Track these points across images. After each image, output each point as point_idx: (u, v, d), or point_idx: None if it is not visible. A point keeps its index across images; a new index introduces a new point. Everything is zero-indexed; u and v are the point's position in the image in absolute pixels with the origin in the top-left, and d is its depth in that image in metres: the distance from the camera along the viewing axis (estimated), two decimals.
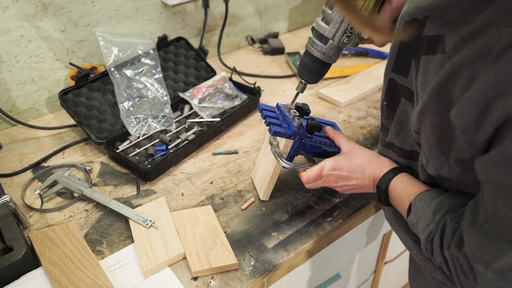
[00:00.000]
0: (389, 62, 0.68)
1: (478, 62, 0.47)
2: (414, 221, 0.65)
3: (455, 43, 0.51)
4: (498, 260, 0.51)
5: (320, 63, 0.76)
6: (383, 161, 0.76)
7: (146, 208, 0.89)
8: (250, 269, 0.79)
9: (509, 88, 0.44)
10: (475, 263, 0.54)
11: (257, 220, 0.89)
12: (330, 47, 0.73)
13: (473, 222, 0.54)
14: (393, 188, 0.72)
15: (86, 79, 1.12)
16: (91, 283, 0.74)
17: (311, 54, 0.75)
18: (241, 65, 1.45)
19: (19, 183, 0.99)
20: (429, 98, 0.56)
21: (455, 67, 0.50)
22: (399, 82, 0.67)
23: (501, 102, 0.45)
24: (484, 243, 0.52)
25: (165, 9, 1.32)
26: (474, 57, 0.48)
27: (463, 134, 0.50)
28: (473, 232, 0.54)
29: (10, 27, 1.07)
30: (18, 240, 0.76)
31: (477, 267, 0.54)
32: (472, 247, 0.54)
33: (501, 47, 0.45)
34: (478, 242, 0.53)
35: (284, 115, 0.83)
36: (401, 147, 0.74)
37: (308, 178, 0.79)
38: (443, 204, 0.61)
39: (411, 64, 0.63)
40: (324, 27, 0.71)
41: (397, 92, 0.69)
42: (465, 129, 0.49)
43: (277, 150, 0.84)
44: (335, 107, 1.25)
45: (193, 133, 1.11)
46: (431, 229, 0.61)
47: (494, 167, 0.48)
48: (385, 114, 0.74)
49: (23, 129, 1.17)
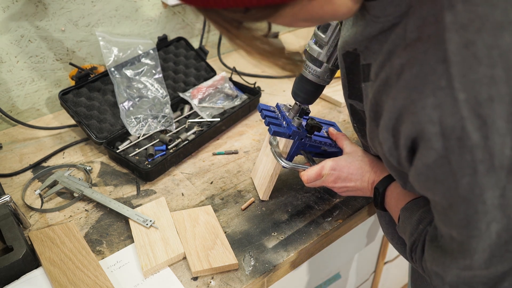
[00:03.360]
0: (344, 89, 0.69)
1: (386, 90, 0.51)
2: (402, 229, 0.66)
3: (375, 71, 0.54)
4: (447, 274, 0.53)
5: (314, 85, 0.76)
6: (383, 166, 0.76)
7: (146, 208, 0.90)
8: (250, 269, 0.79)
9: (404, 113, 0.47)
10: (434, 277, 0.55)
11: (257, 220, 0.89)
12: (324, 70, 0.74)
13: (433, 237, 0.56)
14: (390, 193, 0.72)
15: (86, 79, 1.12)
16: (91, 283, 0.74)
17: (305, 77, 0.76)
18: (241, 65, 1.45)
19: (19, 183, 0.99)
20: (369, 125, 0.59)
21: (375, 95, 0.53)
22: (357, 108, 0.69)
23: (402, 127, 0.48)
24: (435, 257, 0.54)
25: (165, 9, 1.32)
26: (384, 85, 0.51)
27: (390, 157, 0.53)
28: (430, 246, 0.56)
29: (10, 27, 1.07)
30: (18, 240, 0.76)
31: (436, 281, 0.55)
32: (429, 261, 0.56)
33: (395, 75, 0.49)
34: (432, 256, 0.55)
35: (284, 115, 0.83)
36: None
37: (308, 177, 0.79)
38: (427, 214, 0.61)
39: (361, 90, 0.65)
40: (318, 51, 0.72)
41: (360, 116, 0.70)
42: (390, 153, 0.53)
43: (277, 150, 0.84)
44: (335, 107, 1.25)
45: (193, 133, 1.11)
46: (414, 239, 0.62)
47: (417, 184, 0.51)
48: (359, 134, 0.75)
49: (23, 129, 1.17)
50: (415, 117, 0.46)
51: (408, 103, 0.46)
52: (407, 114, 0.47)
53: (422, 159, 0.47)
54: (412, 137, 0.47)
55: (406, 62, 0.47)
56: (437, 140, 0.44)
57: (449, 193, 0.47)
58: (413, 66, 0.46)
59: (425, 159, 0.47)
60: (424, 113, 0.45)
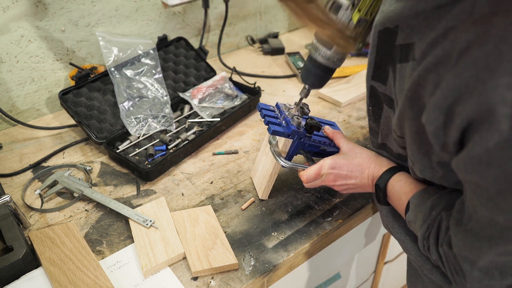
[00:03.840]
0: (369, 70, 0.68)
1: (440, 68, 0.49)
2: (412, 218, 0.65)
3: (423, 50, 0.52)
4: (480, 258, 0.52)
5: (324, 68, 0.75)
6: (382, 160, 0.76)
7: (146, 208, 0.90)
8: (250, 269, 0.79)
9: (466, 92, 0.45)
10: (462, 262, 0.55)
11: (257, 220, 0.89)
12: (334, 52, 0.73)
13: (459, 221, 0.55)
14: (392, 187, 0.72)
15: (86, 79, 1.12)
16: (91, 283, 0.74)
17: (315, 59, 0.75)
18: (241, 65, 1.45)
19: (19, 183, 0.99)
20: (403, 105, 0.57)
21: (422, 74, 0.52)
22: (379, 90, 0.68)
23: (461, 107, 0.46)
24: (467, 242, 0.53)
25: (165, 9, 1.32)
26: (436, 63, 0.49)
27: (435, 138, 0.51)
28: (458, 230, 0.55)
29: (10, 27, 1.07)
30: (18, 240, 0.76)
31: (464, 266, 0.54)
32: (457, 246, 0.55)
33: (457, 52, 0.46)
34: (462, 241, 0.54)
35: (283, 114, 0.83)
36: (391, 149, 0.74)
37: (307, 177, 0.79)
38: (439, 201, 0.61)
39: (388, 72, 0.64)
40: None
41: (379, 99, 0.69)
42: (435, 134, 0.51)
43: (276, 149, 0.84)
44: (335, 107, 1.25)
45: (193, 133, 1.11)
46: (427, 225, 0.61)
47: (464, 168, 0.49)
48: (372, 118, 0.74)
49: (23, 129, 1.17)
50: (483, 97, 0.43)
51: (474, 82, 0.44)
52: (471, 93, 0.44)
53: (481, 142, 0.45)
54: (472, 118, 0.45)
55: (475, 38, 0.45)
56: (505, 122, 0.42)
57: (504, 178, 0.45)
58: (486, 43, 0.43)
59: (485, 141, 0.44)
60: (495, 93, 0.42)
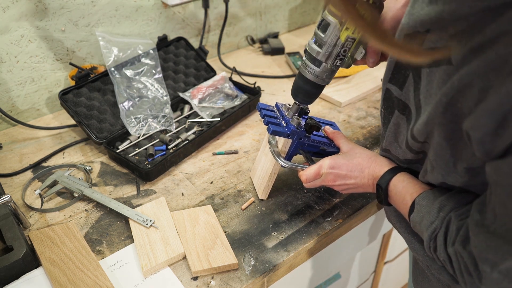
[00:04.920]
0: (387, 72, 0.68)
1: (491, 73, 0.47)
2: (417, 219, 0.65)
3: (464, 55, 0.50)
4: (505, 261, 0.51)
5: (314, 85, 0.76)
6: (383, 160, 0.76)
7: (146, 208, 0.90)
8: (250, 269, 0.79)
9: None
10: (481, 263, 0.54)
11: (257, 220, 0.89)
12: (323, 70, 0.73)
13: (480, 222, 0.54)
14: (394, 187, 0.71)
15: (86, 79, 1.12)
16: (91, 283, 0.74)
17: (305, 76, 0.75)
18: (241, 65, 1.45)
19: (19, 183, 0.99)
20: (434, 111, 0.55)
21: (464, 78, 0.50)
22: (394, 94, 0.67)
23: None
24: (491, 244, 0.52)
25: (165, 9, 1.32)
26: (486, 68, 0.47)
27: (480, 145, 0.50)
28: (480, 231, 0.54)
29: (10, 27, 1.07)
30: (18, 240, 0.76)
31: (483, 267, 0.54)
32: (478, 246, 0.54)
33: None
34: (485, 242, 0.53)
35: (283, 114, 0.83)
36: (396, 156, 0.74)
37: (307, 176, 0.79)
38: (447, 202, 0.61)
39: (408, 77, 0.63)
40: (317, 50, 0.71)
41: (392, 103, 0.69)
42: (482, 140, 0.49)
43: (275, 149, 0.84)
44: (335, 107, 1.25)
45: (193, 133, 1.11)
46: (435, 226, 0.61)
47: (509, 172, 0.48)
48: (382, 121, 0.74)
49: (23, 129, 1.17)
50: None
51: None
52: None
53: None
54: None
55: None
56: None
57: None
58: None
59: None
60: None
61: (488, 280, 0.54)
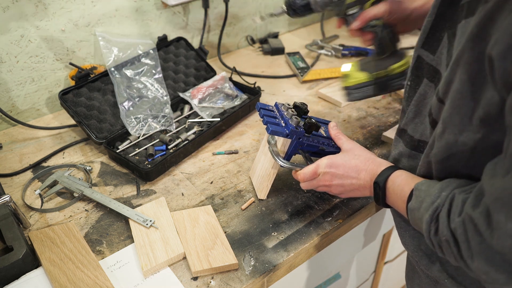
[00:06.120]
0: (421, 37, 0.68)
1: None
2: (416, 205, 0.63)
3: None
4: None
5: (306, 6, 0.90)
6: (381, 161, 0.75)
7: (146, 208, 0.90)
8: (250, 269, 0.79)
9: None
10: (496, 212, 0.51)
11: (257, 220, 0.89)
12: None
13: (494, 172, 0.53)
14: (392, 182, 0.70)
15: (86, 79, 1.12)
16: (91, 283, 0.74)
17: None
18: (241, 65, 1.45)
19: (19, 183, 0.99)
20: (463, 48, 0.55)
21: (496, 4, 0.50)
22: (425, 60, 0.68)
23: None
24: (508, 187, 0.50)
25: (165, 9, 1.32)
26: None
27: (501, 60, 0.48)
28: (495, 181, 0.52)
29: (10, 27, 1.07)
30: (18, 240, 0.76)
31: (498, 217, 0.51)
32: (494, 194, 0.51)
33: None
34: (503, 187, 0.51)
35: (282, 114, 0.83)
36: (411, 135, 0.73)
37: (304, 175, 0.79)
38: (449, 183, 0.60)
39: (442, 39, 0.63)
40: None
41: (421, 72, 0.69)
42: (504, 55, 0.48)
43: (274, 149, 0.84)
44: (335, 107, 1.25)
45: (193, 133, 1.11)
46: (437, 205, 0.59)
47: None
48: (406, 96, 0.74)
49: (23, 129, 1.17)
50: None
51: None
52: None
53: None
54: None
55: None
56: None
57: None
58: None
59: None
60: None
61: (502, 231, 0.50)
